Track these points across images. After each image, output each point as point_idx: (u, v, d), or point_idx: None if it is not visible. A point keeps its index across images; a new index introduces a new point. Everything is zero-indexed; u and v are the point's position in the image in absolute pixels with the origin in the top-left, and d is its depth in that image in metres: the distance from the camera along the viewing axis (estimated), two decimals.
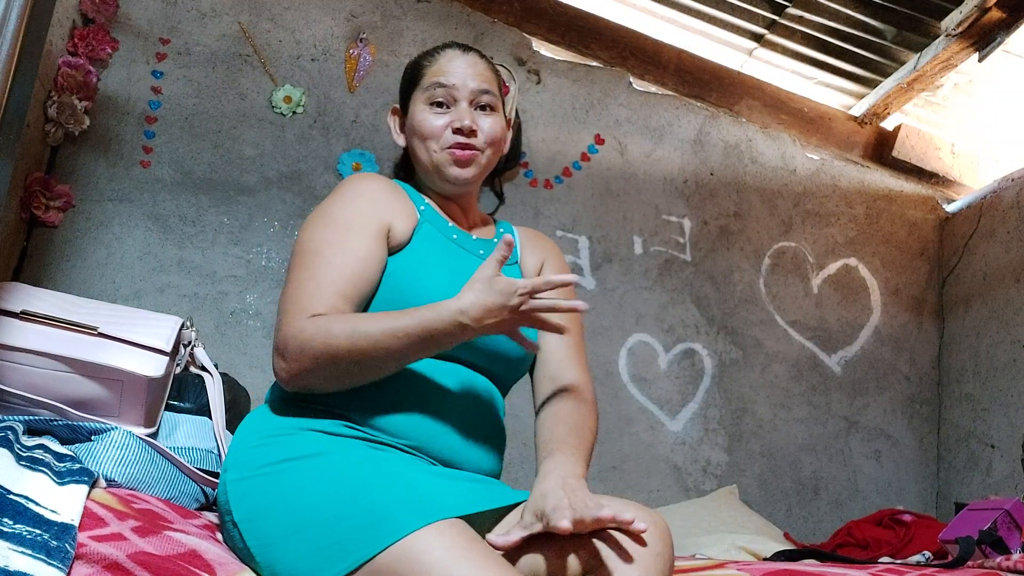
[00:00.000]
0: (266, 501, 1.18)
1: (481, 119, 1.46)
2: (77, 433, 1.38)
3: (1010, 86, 3.05)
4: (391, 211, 1.38)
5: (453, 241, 1.45)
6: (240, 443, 1.29)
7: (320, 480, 1.16)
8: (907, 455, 3.21)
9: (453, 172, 1.44)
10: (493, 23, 3.12)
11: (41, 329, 1.43)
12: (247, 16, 2.92)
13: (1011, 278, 2.96)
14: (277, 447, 1.23)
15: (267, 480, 1.20)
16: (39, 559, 0.92)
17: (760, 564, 1.74)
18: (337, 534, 1.09)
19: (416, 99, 1.48)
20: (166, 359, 1.48)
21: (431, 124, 1.44)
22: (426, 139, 1.45)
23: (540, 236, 1.63)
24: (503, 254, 1.22)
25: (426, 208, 1.45)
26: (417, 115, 1.46)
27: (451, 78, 1.45)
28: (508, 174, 3.09)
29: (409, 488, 1.15)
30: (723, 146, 3.27)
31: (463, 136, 1.43)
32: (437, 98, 1.45)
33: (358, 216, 1.33)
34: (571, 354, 1.47)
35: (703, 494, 2.96)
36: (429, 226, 1.42)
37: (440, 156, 1.44)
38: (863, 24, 3.01)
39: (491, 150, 1.49)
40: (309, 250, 1.31)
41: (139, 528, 1.08)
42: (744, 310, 3.18)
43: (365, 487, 1.14)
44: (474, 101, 1.46)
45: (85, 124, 2.63)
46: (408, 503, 1.10)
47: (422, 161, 1.47)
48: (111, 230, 2.71)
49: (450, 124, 1.44)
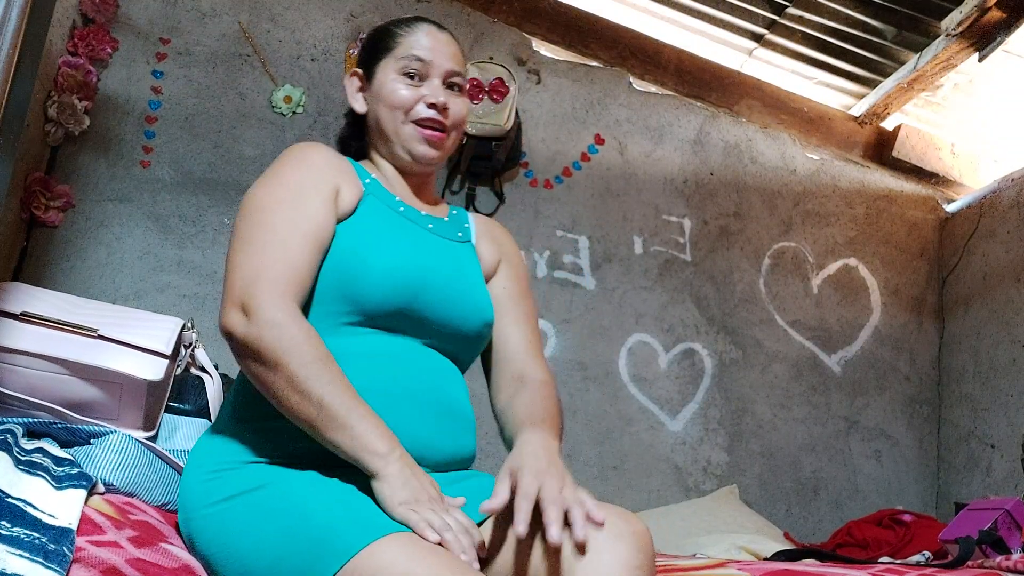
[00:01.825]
0: (214, 543, 1.15)
1: (451, 99, 1.44)
2: (76, 436, 1.38)
3: (1010, 86, 3.05)
4: (339, 176, 1.35)
5: (399, 213, 1.42)
6: (187, 478, 1.26)
7: (262, 516, 1.12)
8: (907, 455, 3.21)
9: (420, 149, 1.42)
10: (493, 23, 3.12)
11: (40, 331, 1.43)
12: (247, 16, 2.92)
13: (1011, 278, 2.96)
14: (219, 483, 1.20)
15: (214, 520, 1.17)
16: (37, 562, 0.92)
17: (760, 564, 1.74)
18: (288, 565, 1.05)
19: (387, 66, 1.44)
20: (166, 362, 1.48)
21: (403, 95, 1.42)
22: (396, 109, 1.42)
23: (498, 227, 1.60)
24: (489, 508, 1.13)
25: (371, 182, 1.42)
26: (388, 83, 1.43)
27: (429, 54, 1.43)
28: (508, 174, 3.09)
29: (357, 506, 1.10)
30: (723, 146, 3.26)
31: (436, 112, 1.42)
32: (411, 70, 1.43)
33: (308, 179, 1.31)
34: (533, 350, 1.46)
35: (703, 494, 2.96)
36: (374, 198, 1.40)
37: (408, 129, 1.42)
38: (863, 24, 3.00)
39: (455, 132, 1.47)
40: (264, 209, 1.27)
41: (135, 539, 1.08)
42: (744, 310, 3.18)
43: (309, 513, 1.09)
44: (446, 80, 1.45)
45: (85, 124, 2.63)
46: (356, 521, 1.06)
47: (387, 131, 1.44)
48: (111, 230, 2.71)
49: (423, 98, 1.42)
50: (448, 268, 1.39)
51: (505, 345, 1.45)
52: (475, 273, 1.46)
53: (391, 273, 1.29)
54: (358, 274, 1.27)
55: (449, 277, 1.38)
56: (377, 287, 1.28)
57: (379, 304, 1.28)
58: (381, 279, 1.28)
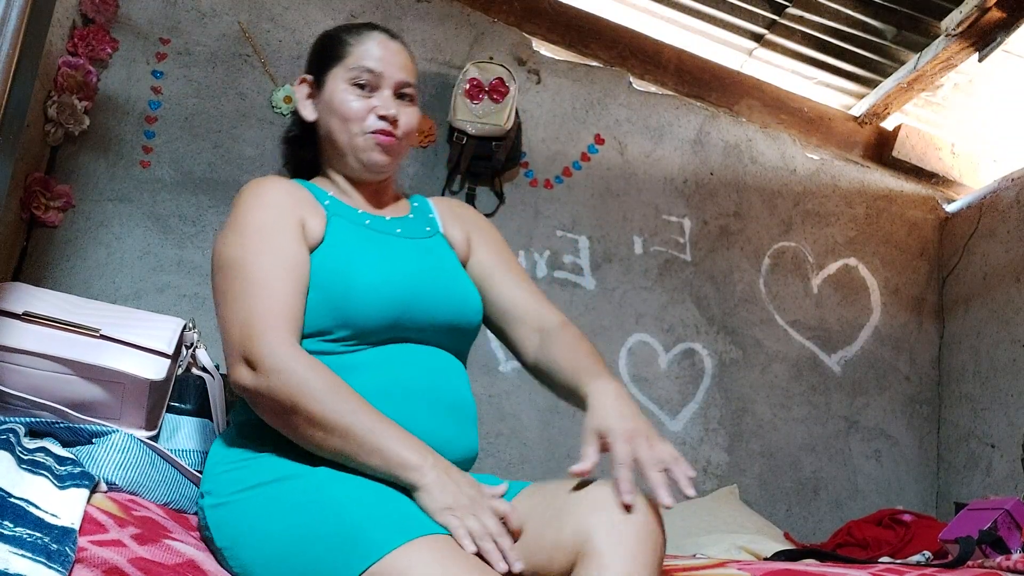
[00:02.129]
0: (242, 528, 1.16)
1: (402, 109, 1.44)
2: (78, 435, 1.38)
3: (1010, 86, 3.05)
4: (301, 209, 1.35)
5: (366, 227, 1.42)
6: (213, 467, 1.27)
7: (293, 504, 1.14)
8: (907, 455, 3.21)
9: (374, 158, 1.42)
10: (493, 23, 3.12)
11: (43, 331, 1.43)
12: (247, 16, 2.92)
13: (1011, 278, 2.96)
14: (249, 471, 1.21)
15: (242, 506, 1.18)
16: (39, 562, 0.92)
17: (760, 564, 1.74)
18: (315, 559, 1.06)
19: (337, 76, 1.44)
20: (168, 361, 1.48)
21: (353, 106, 1.41)
22: (348, 120, 1.42)
23: (459, 205, 1.61)
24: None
25: (331, 201, 1.42)
26: (338, 94, 1.43)
27: (380, 64, 1.43)
28: (508, 174, 3.09)
29: (385, 504, 1.11)
30: (723, 146, 3.27)
31: (387, 124, 1.42)
32: (361, 80, 1.42)
33: (274, 221, 1.31)
34: (539, 300, 1.48)
35: (703, 494, 2.96)
36: (339, 219, 1.39)
37: (362, 140, 1.42)
38: (863, 24, 3.00)
39: (406, 141, 1.48)
40: (241, 263, 1.27)
41: (139, 536, 1.08)
42: (744, 310, 3.18)
43: (339, 507, 1.10)
44: (397, 91, 1.45)
45: (85, 124, 2.63)
46: (385, 520, 1.07)
47: (339, 142, 1.44)
48: (111, 230, 2.71)
49: (374, 109, 1.42)
50: (428, 268, 1.41)
51: (513, 306, 1.47)
52: (453, 265, 1.47)
53: (378, 289, 1.30)
54: (346, 297, 1.28)
55: (431, 277, 1.39)
56: (368, 305, 1.29)
57: (373, 321, 1.29)
58: (369, 297, 1.29)
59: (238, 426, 1.33)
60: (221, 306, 1.28)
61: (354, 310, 1.28)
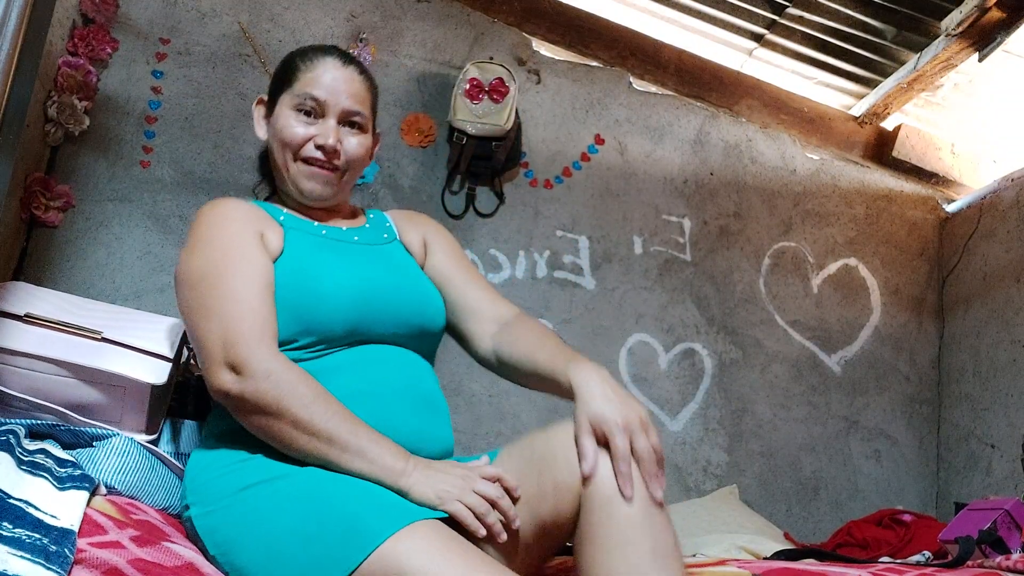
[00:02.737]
0: (236, 531, 1.16)
1: (347, 138, 1.45)
2: (79, 438, 1.37)
3: (1010, 86, 3.05)
4: (258, 224, 1.37)
5: (323, 236, 1.43)
6: (197, 477, 1.27)
7: (286, 502, 1.14)
8: (907, 455, 3.21)
9: (307, 186, 1.43)
10: (493, 23, 3.12)
11: (44, 333, 1.43)
12: (247, 16, 2.92)
13: (1011, 278, 2.96)
14: (237, 475, 1.21)
15: (233, 510, 1.18)
16: (38, 563, 0.92)
17: (760, 563, 1.74)
18: (313, 554, 1.07)
19: (284, 101, 1.45)
20: (169, 365, 1.48)
21: (294, 132, 1.42)
22: (286, 146, 1.43)
23: (414, 214, 1.62)
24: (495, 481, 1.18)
25: (286, 217, 1.44)
26: (281, 118, 1.44)
27: (323, 92, 1.43)
28: (508, 174, 3.09)
29: (378, 496, 1.13)
30: (723, 146, 3.26)
31: (323, 154, 1.42)
32: (306, 108, 1.43)
33: (234, 235, 1.32)
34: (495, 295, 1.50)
35: (703, 494, 2.96)
36: (295, 231, 1.41)
37: (296, 168, 1.43)
38: (863, 24, 3.00)
39: (351, 172, 1.48)
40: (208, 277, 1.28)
41: (138, 538, 1.08)
42: (744, 310, 3.18)
43: (334, 501, 1.12)
44: (342, 120, 1.44)
45: (85, 124, 2.63)
46: (379, 510, 1.09)
47: (279, 167, 1.46)
48: (111, 230, 2.71)
49: (313, 138, 1.42)
50: (388, 272, 1.42)
51: (468, 302, 1.48)
52: (413, 268, 1.49)
53: (339, 293, 1.31)
54: (308, 304, 1.29)
55: (392, 280, 1.41)
56: (330, 310, 1.30)
57: (337, 325, 1.31)
58: (331, 302, 1.30)
59: (216, 436, 1.32)
60: (196, 319, 1.27)
61: (317, 316, 1.29)
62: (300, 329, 1.29)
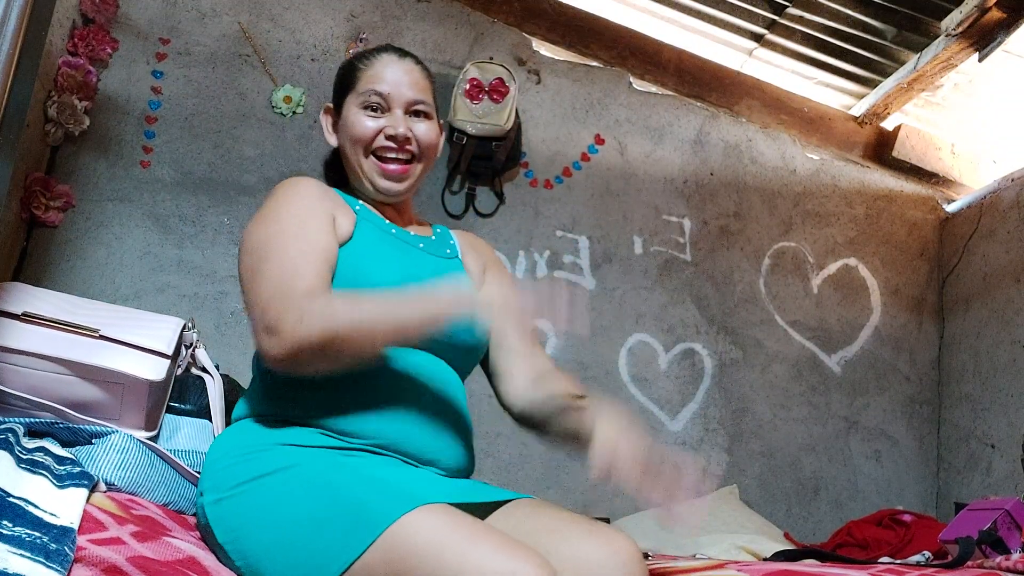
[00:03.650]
0: (246, 519, 1.18)
1: (415, 125, 1.47)
2: (78, 436, 1.37)
3: (1010, 86, 3.05)
4: (333, 205, 1.39)
5: (393, 235, 1.46)
6: (212, 464, 1.28)
7: (297, 490, 1.16)
8: (907, 455, 3.21)
9: (383, 184, 1.45)
10: (493, 23, 3.12)
11: (42, 331, 1.43)
12: (247, 16, 2.92)
13: (1011, 278, 2.96)
14: (250, 465, 1.22)
15: (244, 498, 1.19)
16: (38, 561, 0.92)
17: (760, 564, 1.74)
18: (322, 540, 1.09)
19: (350, 102, 1.48)
20: (167, 362, 1.48)
21: (364, 127, 1.44)
22: (357, 142, 1.45)
23: (478, 240, 1.65)
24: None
25: (361, 208, 1.46)
26: (350, 117, 1.46)
27: (386, 86, 1.45)
28: (508, 174, 3.09)
29: (388, 482, 1.15)
30: (723, 146, 3.26)
31: (396, 144, 1.44)
32: (372, 103, 1.45)
33: (305, 211, 1.33)
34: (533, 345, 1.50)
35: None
36: (367, 223, 1.43)
37: (369, 163, 1.45)
38: (863, 24, 3.00)
39: (425, 160, 1.50)
40: (266, 246, 1.29)
41: (138, 533, 1.08)
42: (744, 310, 3.18)
43: (343, 489, 1.14)
44: (408, 109, 1.47)
45: (85, 124, 2.63)
46: (389, 495, 1.11)
47: (353, 166, 1.47)
48: (111, 230, 2.71)
49: (383, 130, 1.44)
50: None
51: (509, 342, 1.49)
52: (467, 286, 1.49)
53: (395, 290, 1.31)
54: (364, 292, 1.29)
55: None
56: None
57: None
58: None
59: (238, 422, 1.34)
60: (247, 286, 1.29)
61: None
62: None
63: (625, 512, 2.82)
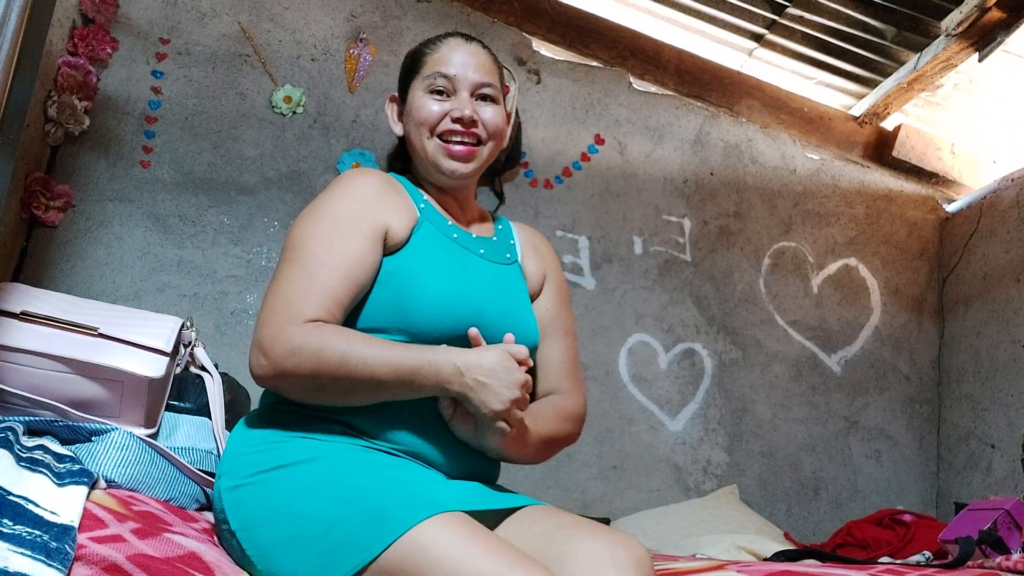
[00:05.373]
0: (262, 509, 1.17)
1: (482, 109, 1.45)
2: (77, 434, 1.38)
3: (1010, 86, 3.05)
4: (387, 210, 1.35)
5: (454, 240, 1.42)
6: (233, 450, 1.28)
7: (316, 485, 1.15)
8: (907, 455, 3.21)
9: (449, 165, 1.42)
10: (493, 23, 3.12)
11: (41, 330, 1.43)
12: (247, 16, 2.92)
13: (1011, 278, 2.96)
14: (271, 454, 1.22)
15: (262, 487, 1.19)
16: (39, 560, 0.92)
17: (760, 564, 1.74)
18: (337, 538, 1.09)
19: (416, 87, 1.46)
20: (166, 359, 1.48)
21: (429, 110, 1.42)
22: (422, 125, 1.43)
23: (541, 241, 1.62)
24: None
25: (426, 206, 1.43)
26: (416, 101, 1.44)
27: (452, 68, 1.44)
28: (508, 174, 3.07)
29: (407, 486, 1.15)
30: (723, 146, 3.27)
31: (462, 126, 1.42)
32: (437, 87, 1.43)
33: (350, 216, 1.31)
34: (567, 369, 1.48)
35: (703, 494, 2.96)
36: (429, 225, 1.40)
37: (434, 145, 1.42)
38: (863, 24, 3.01)
39: (492, 142, 1.48)
40: (300, 246, 1.28)
41: (138, 530, 1.08)
42: (744, 310, 3.18)
43: (362, 488, 1.13)
44: (475, 92, 1.45)
45: (85, 124, 2.63)
46: (407, 500, 1.10)
47: (418, 150, 1.45)
48: (111, 230, 2.71)
49: (449, 113, 1.42)
50: (499, 294, 1.41)
51: (543, 358, 1.48)
52: (523, 297, 1.48)
53: (446, 303, 1.31)
54: (413, 303, 1.29)
55: (500, 303, 1.40)
56: (431, 318, 1.30)
57: (432, 333, 1.30)
58: (435, 310, 1.30)
59: (263, 409, 1.33)
60: (273, 281, 1.28)
61: (416, 318, 1.29)
62: (394, 324, 1.29)
63: (625, 512, 2.83)
